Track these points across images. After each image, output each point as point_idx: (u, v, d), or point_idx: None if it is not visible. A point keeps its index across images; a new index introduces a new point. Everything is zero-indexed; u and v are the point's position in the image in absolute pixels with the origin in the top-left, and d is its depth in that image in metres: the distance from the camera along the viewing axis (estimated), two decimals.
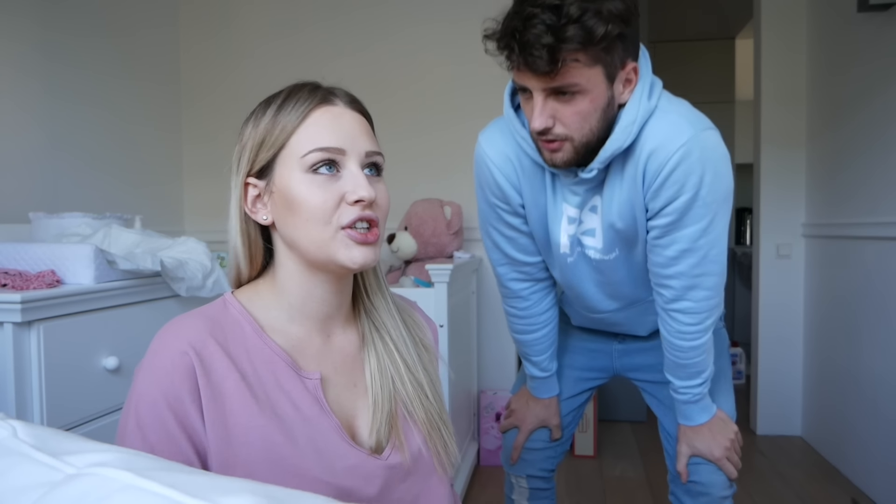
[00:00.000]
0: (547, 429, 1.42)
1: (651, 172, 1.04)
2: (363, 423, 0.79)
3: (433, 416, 0.82)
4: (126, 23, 2.48)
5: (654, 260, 1.13)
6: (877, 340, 2.31)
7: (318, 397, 0.76)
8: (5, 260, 1.42)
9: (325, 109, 0.74)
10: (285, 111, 0.74)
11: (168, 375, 0.68)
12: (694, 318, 1.14)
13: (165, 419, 0.68)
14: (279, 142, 0.74)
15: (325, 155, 0.72)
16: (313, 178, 0.72)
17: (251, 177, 0.76)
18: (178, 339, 0.71)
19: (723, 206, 1.07)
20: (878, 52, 2.30)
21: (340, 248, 0.72)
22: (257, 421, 0.70)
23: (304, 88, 0.76)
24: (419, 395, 0.82)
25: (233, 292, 0.80)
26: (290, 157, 0.73)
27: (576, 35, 0.93)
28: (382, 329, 0.84)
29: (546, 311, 1.33)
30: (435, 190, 2.63)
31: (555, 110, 1.01)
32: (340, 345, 0.82)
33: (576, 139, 1.03)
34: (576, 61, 0.96)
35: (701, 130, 1.03)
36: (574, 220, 1.16)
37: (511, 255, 1.27)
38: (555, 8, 0.93)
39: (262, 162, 0.75)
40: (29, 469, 0.37)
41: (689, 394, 1.22)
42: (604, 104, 1.02)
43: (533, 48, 0.94)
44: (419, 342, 0.86)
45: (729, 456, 1.23)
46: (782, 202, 3.00)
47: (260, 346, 0.75)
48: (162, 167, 2.75)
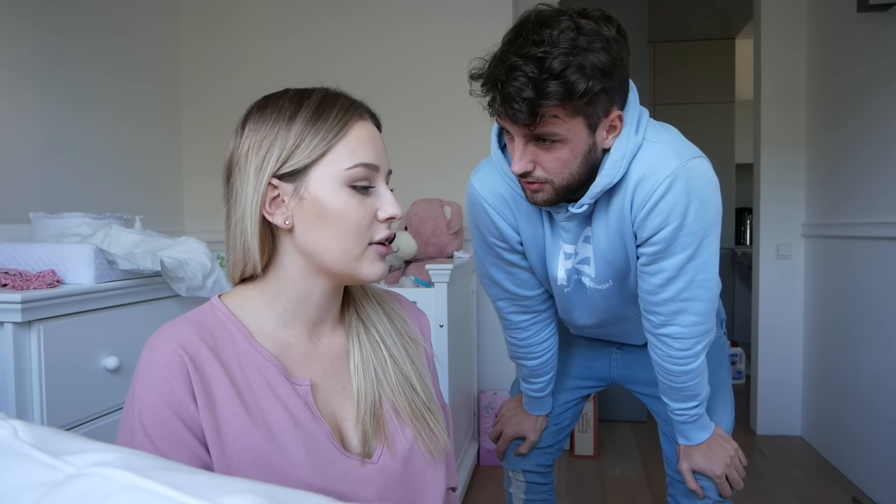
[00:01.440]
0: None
1: (638, 202, 1.04)
2: (350, 427, 0.79)
3: (417, 406, 0.82)
4: (125, 21, 2.48)
5: (643, 286, 1.13)
6: (877, 340, 2.31)
7: (308, 403, 0.75)
8: (5, 260, 1.42)
9: (362, 125, 0.75)
10: (325, 120, 0.73)
11: (164, 379, 0.68)
12: (683, 342, 1.13)
13: (171, 423, 0.68)
14: (318, 150, 0.72)
15: (367, 172, 0.74)
16: (352, 192, 0.73)
17: (276, 178, 0.73)
18: (168, 342, 0.70)
19: (710, 232, 1.06)
20: (878, 52, 2.30)
21: (367, 262, 0.75)
22: (247, 429, 0.70)
23: (338, 99, 0.75)
24: (403, 387, 0.82)
25: (220, 297, 0.79)
26: (330, 168, 0.72)
27: (556, 91, 0.92)
28: (368, 321, 0.84)
29: (546, 339, 1.33)
30: (435, 190, 2.63)
31: (535, 155, 1.01)
32: (329, 348, 0.81)
33: (556, 182, 1.03)
34: (555, 117, 0.96)
35: (687, 160, 1.02)
36: (571, 256, 1.17)
37: (511, 290, 1.27)
38: (538, 60, 0.92)
39: (293, 166, 0.72)
40: (29, 469, 0.37)
41: (685, 415, 1.22)
42: (585, 151, 1.01)
43: (514, 101, 0.93)
44: (404, 334, 0.87)
45: (729, 473, 1.23)
46: (782, 202, 3.00)
47: (250, 351, 0.74)
48: (162, 167, 2.75)
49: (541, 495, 1.47)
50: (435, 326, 1.98)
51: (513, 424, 1.44)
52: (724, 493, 1.24)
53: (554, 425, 1.44)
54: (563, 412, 1.44)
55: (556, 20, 0.94)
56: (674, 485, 1.34)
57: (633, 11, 3.23)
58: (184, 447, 0.68)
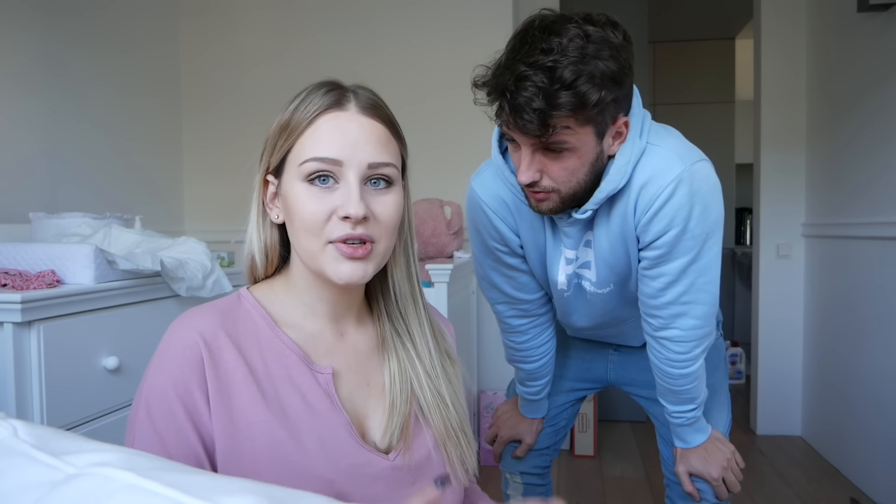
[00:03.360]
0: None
1: (642, 207, 1.03)
2: (375, 424, 0.78)
3: (451, 426, 0.80)
4: (126, 25, 2.48)
5: (643, 290, 1.13)
6: (877, 340, 2.31)
7: (329, 392, 0.75)
8: (5, 260, 1.42)
9: (333, 115, 0.72)
10: (299, 111, 0.73)
11: (178, 366, 0.69)
12: (683, 346, 1.13)
13: (174, 410, 0.68)
14: (288, 144, 0.73)
15: (321, 166, 0.70)
16: (309, 187, 0.71)
17: (269, 174, 0.76)
18: (189, 330, 0.71)
19: (712, 236, 1.06)
20: (878, 52, 2.30)
21: (329, 261, 0.71)
22: (262, 416, 0.70)
23: (320, 89, 0.74)
24: (438, 405, 0.80)
25: (248, 288, 0.80)
26: (293, 162, 0.73)
27: (568, 102, 0.90)
28: (405, 335, 0.82)
29: (544, 343, 1.33)
30: (435, 190, 2.63)
31: (542, 164, 0.99)
32: (354, 342, 0.81)
33: (563, 191, 1.02)
34: (566, 127, 0.94)
35: (691, 164, 1.02)
36: (572, 261, 1.16)
37: (510, 294, 1.26)
38: (548, 69, 0.90)
39: (275, 161, 0.75)
40: (29, 469, 0.37)
41: (682, 418, 1.22)
42: (592, 159, 1.01)
43: (524, 111, 0.91)
44: (444, 353, 0.84)
45: (726, 476, 1.23)
46: (782, 202, 3.00)
47: (272, 339, 0.75)
48: (162, 168, 2.75)
49: (538, 497, 1.47)
50: None
51: (508, 427, 1.43)
52: (720, 496, 1.24)
53: (550, 427, 1.44)
54: (559, 414, 1.44)
55: (563, 27, 0.92)
56: (671, 487, 1.34)
57: (633, 11, 3.23)
58: (181, 435, 0.68)
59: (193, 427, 0.68)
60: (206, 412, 0.69)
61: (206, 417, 0.69)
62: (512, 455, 1.44)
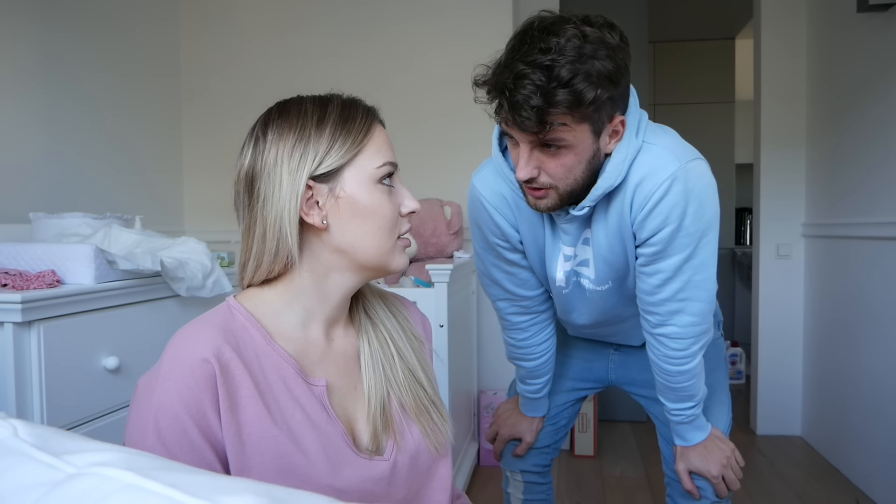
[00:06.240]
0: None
1: (637, 204, 1.06)
2: (362, 426, 0.80)
3: (422, 401, 0.85)
4: (125, 20, 2.48)
5: (641, 287, 1.14)
6: (877, 340, 2.31)
7: (324, 404, 0.76)
8: (5, 260, 1.42)
9: (380, 127, 0.80)
10: (353, 123, 0.77)
11: (188, 386, 0.67)
12: (680, 343, 1.14)
13: (188, 430, 0.67)
14: (351, 152, 0.76)
15: (392, 169, 0.79)
16: (383, 189, 0.78)
17: (311, 179, 0.75)
18: (199, 347, 0.69)
19: (708, 233, 1.08)
20: (878, 52, 2.30)
21: (396, 254, 0.80)
22: (270, 431, 0.70)
23: (358, 104, 0.80)
24: (410, 383, 0.84)
25: (235, 297, 0.79)
26: (362, 168, 0.76)
27: (564, 100, 0.93)
28: (376, 319, 0.87)
29: (545, 341, 1.34)
30: (435, 190, 2.63)
31: (540, 161, 1.02)
32: (342, 347, 0.83)
33: (560, 188, 1.04)
34: (563, 125, 0.97)
35: (686, 162, 1.04)
36: (570, 258, 1.18)
37: (511, 290, 1.28)
38: (546, 68, 0.93)
39: (329, 167, 0.75)
40: (29, 468, 0.37)
41: (681, 415, 1.22)
42: (589, 156, 1.03)
43: (522, 109, 0.94)
44: (408, 332, 0.89)
45: (725, 473, 1.23)
46: (782, 202, 3.00)
47: (269, 352, 0.75)
48: (162, 168, 2.75)
49: (539, 495, 1.47)
50: (435, 326, 1.98)
51: (508, 426, 1.44)
52: (720, 494, 1.24)
53: (551, 426, 1.44)
54: (560, 413, 1.45)
55: (561, 28, 0.95)
56: (672, 485, 1.34)
57: (633, 11, 3.23)
58: (197, 454, 0.67)
59: (209, 444, 0.68)
60: (219, 430, 0.68)
61: (219, 435, 0.69)
62: (512, 453, 1.45)
